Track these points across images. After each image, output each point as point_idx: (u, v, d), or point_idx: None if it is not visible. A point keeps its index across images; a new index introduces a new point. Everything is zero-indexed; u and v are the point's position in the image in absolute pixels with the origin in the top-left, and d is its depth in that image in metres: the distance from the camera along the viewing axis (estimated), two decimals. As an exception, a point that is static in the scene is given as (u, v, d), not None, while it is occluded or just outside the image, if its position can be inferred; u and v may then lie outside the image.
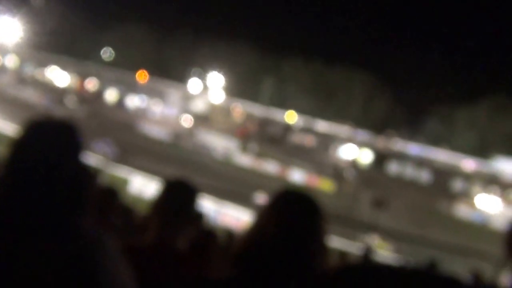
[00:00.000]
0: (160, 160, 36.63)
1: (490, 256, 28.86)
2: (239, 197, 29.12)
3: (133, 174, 28.91)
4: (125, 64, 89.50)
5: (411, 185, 52.43)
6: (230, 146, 48.02)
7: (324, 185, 42.70)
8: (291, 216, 1.84)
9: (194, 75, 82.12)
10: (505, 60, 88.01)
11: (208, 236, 4.92)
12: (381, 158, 59.53)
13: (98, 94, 65.90)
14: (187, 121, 58.39)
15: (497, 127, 76.95)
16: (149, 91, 71.49)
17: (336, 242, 23.57)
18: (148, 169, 30.24)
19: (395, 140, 74.93)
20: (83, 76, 71.78)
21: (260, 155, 47.49)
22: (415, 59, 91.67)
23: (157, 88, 79.34)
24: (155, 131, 50.11)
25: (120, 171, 29.50)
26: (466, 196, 48.13)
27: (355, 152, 59.71)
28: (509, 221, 2.37)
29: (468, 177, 57.08)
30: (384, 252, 24.30)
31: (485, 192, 48.86)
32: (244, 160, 46.00)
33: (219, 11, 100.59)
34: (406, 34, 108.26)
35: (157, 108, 62.32)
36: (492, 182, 55.63)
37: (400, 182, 52.47)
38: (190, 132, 51.33)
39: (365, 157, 59.88)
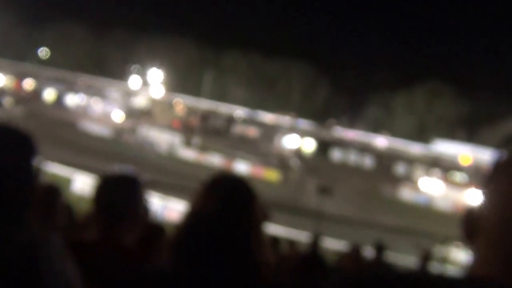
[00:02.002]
0: (102, 158, 35.41)
1: (435, 235, 29.53)
2: (185, 191, 28.46)
3: (76, 172, 27.71)
4: (63, 63, 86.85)
5: (355, 171, 53.05)
6: (174, 141, 47.05)
7: (269, 175, 42.43)
8: (226, 200, 1.79)
9: (134, 72, 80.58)
10: (439, 45, 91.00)
11: (155, 230, 4.53)
12: (324, 146, 60.02)
13: (36, 94, 63.54)
14: (118, 117, 57.13)
15: (434, 111, 79.56)
16: (89, 89, 69.63)
17: (284, 231, 23.37)
18: (90, 168, 29.07)
19: (336, 128, 76.00)
20: (20, 77, 69.01)
21: (204, 148, 46.81)
22: (351, 47, 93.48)
23: (97, 86, 77.33)
24: (96, 128, 48.55)
25: (62, 170, 28.20)
26: (409, 180, 49.17)
27: (298, 142, 59.91)
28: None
29: (410, 161, 58.44)
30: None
31: (427, 175, 50.13)
32: (188, 154, 45.18)
33: (156, 6, 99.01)
34: (342, 21, 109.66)
35: (98, 106, 60.51)
36: (434, 165, 57.20)
37: (344, 169, 52.96)
38: (132, 128, 50.00)
39: (309, 145, 60.18)
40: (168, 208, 24.50)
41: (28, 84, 67.68)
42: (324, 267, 4.81)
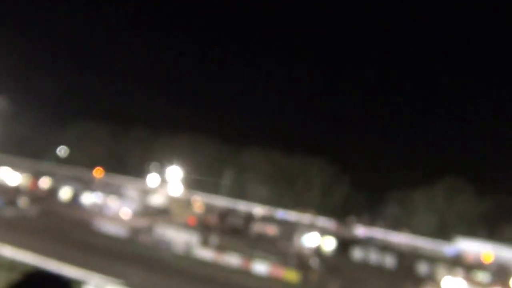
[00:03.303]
0: (116, 259, 35.11)
1: None
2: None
3: (88, 274, 27.28)
4: (81, 161, 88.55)
5: (377, 270, 51.71)
6: (191, 240, 46.63)
7: (289, 275, 41.56)
8: None
9: (153, 169, 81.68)
10: (457, 142, 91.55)
11: None
12: (344, 244, 58.98)
13: (52, 192, 64.25)
14: (127, 215, 57.15)
15: (454, 208, 78.49)
16: (106, 188, 70.29)
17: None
18: (104, 269, 28.78)
19: (357, 226, 74.96)
20: (37, 175, 70.36)
21: (222, 247, 46.22)
22: (370, 145, 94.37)
23: (114, 184, 78.16)
24: (112, 228, 48.42)
25: (74, 272, 27.86)
26: (432, 279, 47.61)
27: (318, 240, 59.01)
28: None
29: (432, 260, 56.83)
30: None
31: (450, 274, 48.50)
32: (205, 253, 44.60)
33: (176, 104, 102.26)
34: (359, 123, 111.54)
35: (114, 204, 60.57)
36: (456, 263, 55.54)
37: (366, 268, 51.70)
38: (148, 227, 49.82)
39: (328, 244, 59.18)
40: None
41: (45, 182, 68.63)
42: None
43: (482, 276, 51.86)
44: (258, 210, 77.88)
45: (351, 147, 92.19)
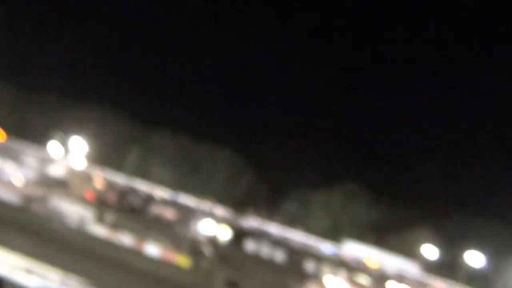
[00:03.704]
0: (5, 226, 33.98)
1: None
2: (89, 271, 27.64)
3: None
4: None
5: (266, 264, 53.39)
6: (86, 215, 45.83)
7: (180, 260, 42.06)
8: None
9: (56, 138, 78.68)
10: (361, 150, 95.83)
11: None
12: (239, 235, 60.20)
13: None
14: (21, 182, 55.04)
15: (348, 213, 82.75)
16: (4, 151, 66.78)
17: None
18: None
19: (254, 218, 76.66)
20: None
21: (116, 226, 45.83)
22: (276, 144, 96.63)
23: (13, 148, 74.60)
24: (5, 194, 46.53)
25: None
26: (317, 277, 49.97)
27: (214, 228, 59.89)
28: None
29: (320, 259, 59.51)
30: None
31: (334, 274, 51.17)
32: (99, 230, 44.06)
33: (89, 75, 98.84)
34: (269, 120, 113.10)
35: (10, 169, 57.90)
36: (341, 264, 58.56)
37: (256, 261, 53.22)
38: (42, 196, 48.34)
39: (224, 233, 60.25)
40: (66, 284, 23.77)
41: None
42: None
43: (363, 279, 55.24)
44: (159, 192, 77.46)
45: (259, 142, 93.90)
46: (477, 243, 65.09)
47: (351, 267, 58.20)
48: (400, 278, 58.83)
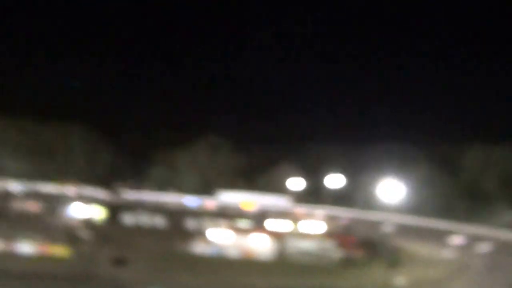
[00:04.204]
0: None
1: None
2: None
3: None
4: None
5: (148, 232, 53.03)
6: None
7: (58, 251, 40.07)
8: None
9: None
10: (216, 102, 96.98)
11: None
12: (114, 211, 58.75)
13: None
14: None
15: (215, 165, 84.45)
16: None
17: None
18: None
19: (124, 191, 75.17)
20: None
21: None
22: (131, 108, 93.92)
23: None
24: None
25: None
26: (200, 233, 50.67)
27: (85, 210, 57.70)
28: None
29: (199, 215, 60.38)
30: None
31: (215, 226, 52.29)
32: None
33: None
34: (120, 79, 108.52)
35: None
36: (220, 215, 59.99)
37: (138, 232, 52.56)
38: None
39: (97, 213, 58.37)
40: None
41: None
42: None
43: (244, 223, 57.24)
44: (16, 186, 72.18)
45: (110, 112, 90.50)
46: (335, 167, 70.37)
47: (230, 215, 59.91)
48: (276, 214, 61.83)
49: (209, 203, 72.77)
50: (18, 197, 63.16)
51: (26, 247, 40.15)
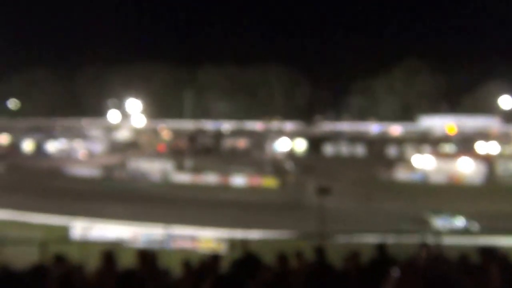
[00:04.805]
0: (97, 198, 35.16)
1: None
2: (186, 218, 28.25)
3: (72, 219, 27.18)
4: (36, 111, 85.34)
5: (349, 161, 53.38)
6: (166, 167, 46.87)
7: (268, 182, 42.65)
8: None
9: (111, 106, 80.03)
10: (411, 25, 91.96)
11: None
12: (315, 143, 60.23)
13: (13, 147, 61.58)
14: (84, 155, 56.20)
15: (414, 89, 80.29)
16: (68, 132, 68.34)
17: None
18: (86, 211, 28.86)
19: (324, 123, 76.27)
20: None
21: (197, 169, 46.69)
22: (321, 43, 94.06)
23: (76, 127, 76.49)
24: (84, 170, 48.03)
25: (57, 219, 27.84)
26: (402, 160, 49.48)
27: (288, 144, 60.14)
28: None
29: (400, 142, 58.82)
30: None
31: (418, 152, 50.47)
32: (183, 177, 45.06)
33: (123, 37, 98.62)
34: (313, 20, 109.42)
35: (81, 147, 59.38)
36: (422, 141, 57.63)
37: (339, 161, 53.30)
38: (120, 163, 49.59)
39: (300, 146, 60.45)
40: (173, 237, 24.44)
41: (3, 139, 65.57)
42: (332, 274, 4.84)
43: (448, 148, 54.23)
44: (225, 126, 78.11)
45: (305, 49, 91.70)
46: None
47: (433, 141, 57.29)
48: (484, 136, 57.27)
49: (394, 128, 70.42)
50: (228, 136, 68.24)
51: (239, 180, 43.47)
